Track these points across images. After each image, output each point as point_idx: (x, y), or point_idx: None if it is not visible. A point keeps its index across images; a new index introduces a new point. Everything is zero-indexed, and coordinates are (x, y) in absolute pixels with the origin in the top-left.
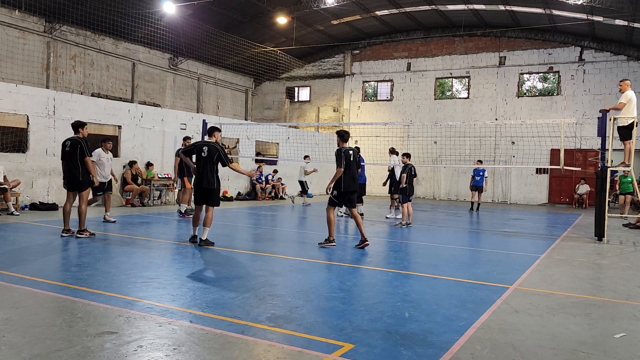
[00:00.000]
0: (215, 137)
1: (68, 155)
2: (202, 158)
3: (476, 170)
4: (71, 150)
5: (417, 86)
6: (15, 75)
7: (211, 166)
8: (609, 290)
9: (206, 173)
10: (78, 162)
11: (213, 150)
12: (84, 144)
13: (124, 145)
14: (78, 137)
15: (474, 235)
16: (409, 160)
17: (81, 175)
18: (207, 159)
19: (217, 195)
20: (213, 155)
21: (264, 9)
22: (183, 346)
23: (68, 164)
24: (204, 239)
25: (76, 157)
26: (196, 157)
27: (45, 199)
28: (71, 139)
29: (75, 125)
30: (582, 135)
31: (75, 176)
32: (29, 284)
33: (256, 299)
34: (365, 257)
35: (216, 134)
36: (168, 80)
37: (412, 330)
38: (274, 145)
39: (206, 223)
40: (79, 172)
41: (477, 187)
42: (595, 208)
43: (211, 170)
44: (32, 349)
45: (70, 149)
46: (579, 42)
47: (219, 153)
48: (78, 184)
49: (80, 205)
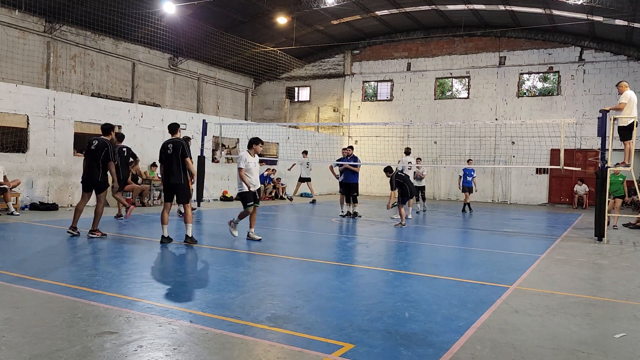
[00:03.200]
0: (179, 133)
1: (92, 154)
2: (168, 155)
3: (467, 170)
4: (96, 150)
5: (417, 86)
6: (15, 75)
7: (177, 162)
8: (609, 290)
9: (172, 169)
10: (100, 163)
11: (177, 146)
12: (110, 148)
13: None
14: (106, 140)
15: (474, 235)
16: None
17: (100, 177)
18: (173, 155)
19: (185, 190)
20: (178, 151)
21: (264, 9)
22: (183, 346)
23: (90, 164)
24: (189, 235)
25: (99, 158)
26: (163, 155)
27: (45, 199)
28: (99, 139)
29: (106, 128)
30: (582, 135)
31: (93, 177)
32: (29, 284)
33: (256, 299)
34: (365, 257)
35: (179, 130)
36: (168, 80)
37: (412, 330)
38: (274, 145)
39: (186, 219)
40: (99, 174)
41: (468, 187)
42: (595, 208)
43: (177, 165)
44: (32, 349)
45: (95, 148)
46: (579, 42)
47: (182, 146)
48: (95, 186)
49: (98, 206)
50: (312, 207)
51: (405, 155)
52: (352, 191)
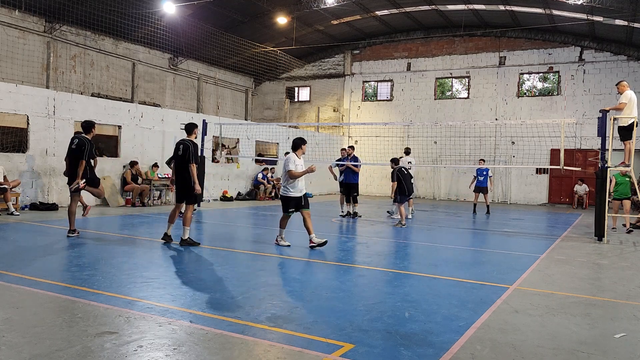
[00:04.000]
0: (194, 134)
1: (73, 153)
2: (177, 155)
3: (479, 170)
4: (77, 149)
5: (417, 86)
6: (15, 75)
7: (185, 163)
8: (609, 290)
9: (181, 170)
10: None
11: (185, 148)
12: (89, 146)
13: (124, 146)
14: (86, 138)
15: (474, 235)
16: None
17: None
18: (182, 157)
19: (192, 192)
20: (185, 154)
21: (264, 9)
22: (183, 346)
23: (71, 163)
24: (185, 238)
25: (80, 157)
26: (174, 155)
27: (45, 199)
28: (79, 137)
29: (86, 126)
30: (582, 135)
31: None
32: (29, 284)
33: (256, 299)
34: (365, 257)
35: (195, 131)
36: (168, 80)
37: (412, 330)
38: (274, 145)
39: (184, 222)
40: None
41: (480, 188)
42: (595, 208)
43: (185, 167)
44: (32, 349)
45: (76, 147)
46: (579, 42)
47: (189, 151)
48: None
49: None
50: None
51: (405, 155)
52: (352, 191)
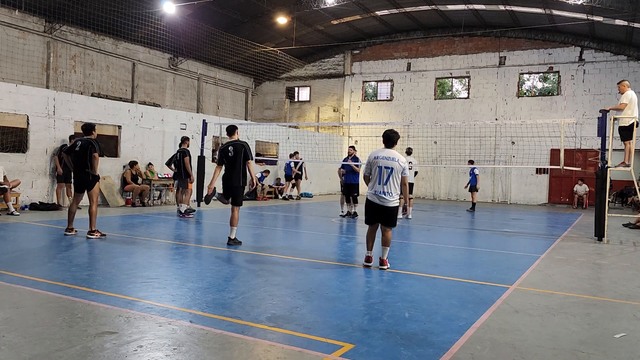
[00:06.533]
0: (236, 135)
1: (77, 155)
2: (229, 157)
3: (470, 170)
4: (81, 151)
5: (417, 86)
6: (15, 75)
7: (238, 165)
8: (609, 290)
9: (232, 172)
10: (87, 163)
11: (239, 149)
12: (95, 144)
13: (124, 146)
14: (90, 139)
15: (474, 235)
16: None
17: (90, 175)
18: (234, 158)
19: (240, 193)
20: (240, 153)
21: (264, 9)
22: (183, 346)
23: (77, 166)
24: (232, 237)
25: (86, 158)
26: (224, 159)
27: (45, 199)
28: (82, 140)
29: (87, 128)
30: (582, 135)
31: (84, 177)
32: (29, 284)
33: (256, 299)
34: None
35: (236, 132)
36: (168, 80)
37: (412, 330)
38: (274, 145)
39: (232, 222)
40: (89, 173)
41: (473, 186)
42: (595, 208)
43: (238, 168)
44: (32, 349)
45: (80, 149)
46: (579, 42)
47: (244, 149)
48: (87, 184)
49: (91, 206)
50: (312, 207)
51: (406, 155)
52: (352, 191)
